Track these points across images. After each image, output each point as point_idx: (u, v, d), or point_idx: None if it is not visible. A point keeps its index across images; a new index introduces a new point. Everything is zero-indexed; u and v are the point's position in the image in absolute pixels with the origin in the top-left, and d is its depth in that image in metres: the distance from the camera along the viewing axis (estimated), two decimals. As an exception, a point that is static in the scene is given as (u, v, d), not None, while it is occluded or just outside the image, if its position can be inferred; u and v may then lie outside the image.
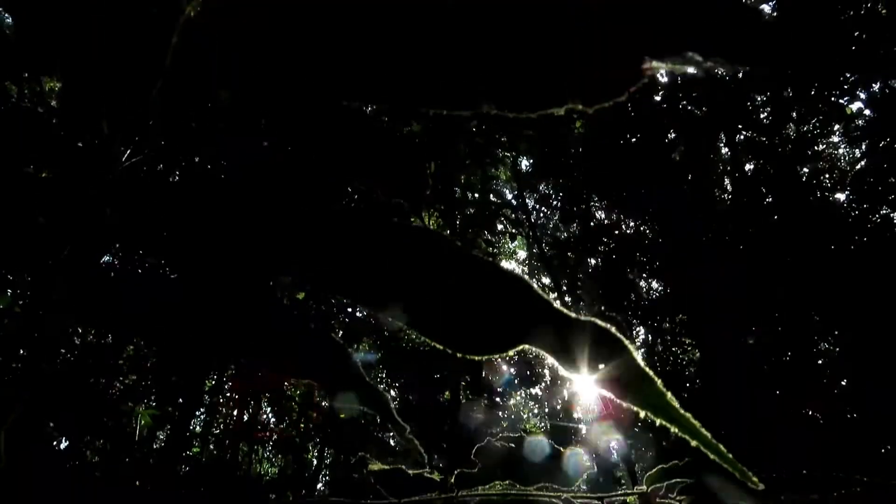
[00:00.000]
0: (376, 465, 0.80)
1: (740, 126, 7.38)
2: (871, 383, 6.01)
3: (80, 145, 0.43)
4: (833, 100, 6.56)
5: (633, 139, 6.18)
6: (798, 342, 6.88)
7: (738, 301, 6.71)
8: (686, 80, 4.67)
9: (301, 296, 6.52)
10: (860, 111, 6.54)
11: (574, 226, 7.04)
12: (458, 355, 0.38)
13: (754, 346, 7.18)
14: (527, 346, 0.37)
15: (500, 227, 6.77)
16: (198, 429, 7.15)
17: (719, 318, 6.87)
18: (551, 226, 7.71)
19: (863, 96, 7.44)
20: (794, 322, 6.83)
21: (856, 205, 6.96)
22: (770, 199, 6.51)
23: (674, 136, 6.85)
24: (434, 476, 0.81)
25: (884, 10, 5.77)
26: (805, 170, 8.36)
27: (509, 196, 6.86)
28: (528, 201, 7.02)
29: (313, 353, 0.47)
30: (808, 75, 5.24)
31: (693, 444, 0.34)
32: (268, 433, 7.73)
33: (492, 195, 6.72)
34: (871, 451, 6.15)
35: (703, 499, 0.71)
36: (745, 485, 0.35)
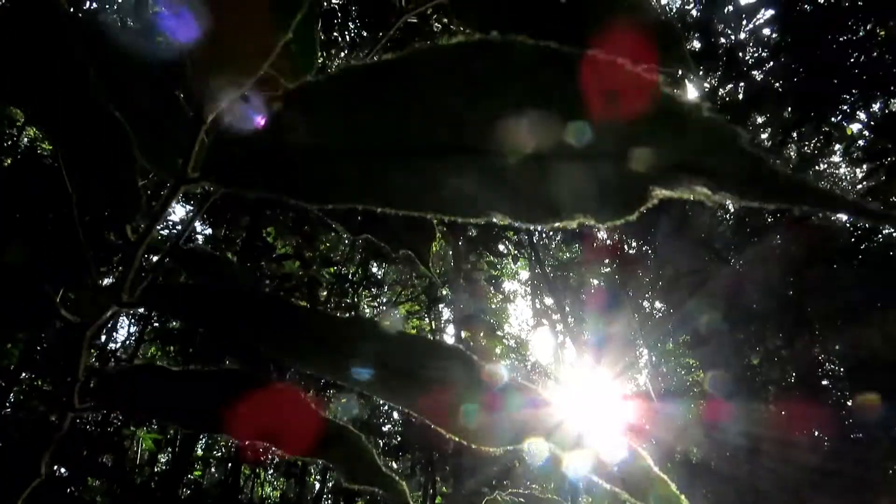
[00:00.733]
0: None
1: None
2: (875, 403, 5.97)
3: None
4: (833, 120, 6.59)
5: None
6: (802, 362, 6.85)
7: (740, 321, 6.69)
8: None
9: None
10: (861, 132, 6.57)
11: (576, 246, 7.04)
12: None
13: (758, 365, 7.15)
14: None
15: (502, 248, 6.77)
16: (199, 452, 7.11)
17: (722, 337, 6.84)
18: (553, 246, 7.70)
19: (862, 116, 7.46)
20: (797, 341, 6.80)
21: (858, 225, 6.96)
22: (771, 220, 6.50)
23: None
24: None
25: (882, 32, 5.81)
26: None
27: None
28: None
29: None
30: (807, 97, 5.27)
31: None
32: (270, 456, 7.68)
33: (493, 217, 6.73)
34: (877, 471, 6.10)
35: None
36: None
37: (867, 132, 6.15)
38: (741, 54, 5.49)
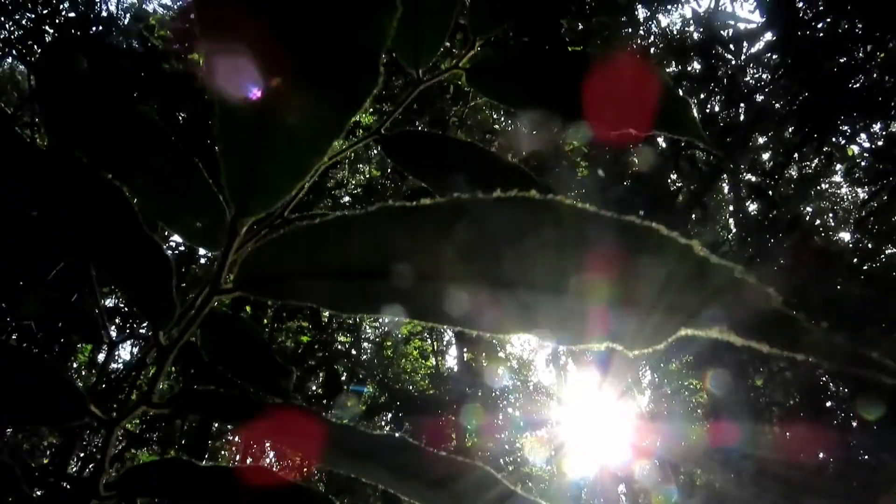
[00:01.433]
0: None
1: (742, 166, 7.43)
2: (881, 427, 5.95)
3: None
4: (833, 140, 6.61)
5: (636, 183, 6.23)
6: (806, 383, 6.83)
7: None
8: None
9: (305, 339, 6.51)
10: (861, 153, 6.59)
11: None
12: None
13: (762, 387, 7.12)
14: None
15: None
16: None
17: (725, 358, 6.83)
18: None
19: (863, 136, 7.50)
20: (801, 362, 6.77)
21: (860, 245, 6.96)
22: (772, 241, 6.51)
23: (676, 177, 6.89)
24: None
25: (881, 55, 5.85)
26: (808, 209, 8.39)
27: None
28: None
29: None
30: (808, 119, 5.29)
31: None
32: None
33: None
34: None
35: None
36: None
37: (867, 154, 6.17)
38: (742, 77, 5.53)
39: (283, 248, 0.37)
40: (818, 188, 8.00)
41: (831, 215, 8.07)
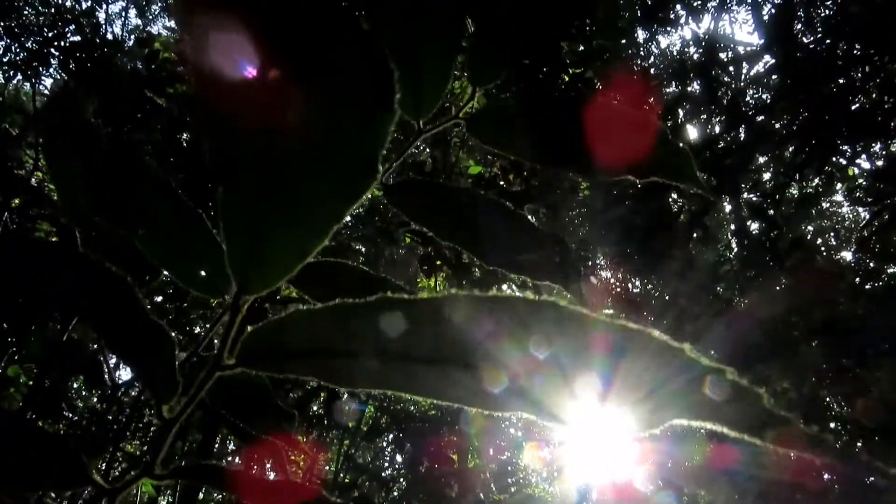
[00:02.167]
0: None
1: (743, 186, 7.44)
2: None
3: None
4: (834, 159, 6.63)
5: (637, 203, 6.24)
6: (809, 403, 6.78)
7: (745, 362, 6.65)
8: (690, 147, 4.72)
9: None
10: (862, 173, 6.61)
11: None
12: None
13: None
14: None
15: (506, 288, 6.78)
16: (201, 496, 7.03)
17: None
18: (556, 287, 7.66)
19: (864, 156, 7.51)
20: (804, 382, 6.74)
21: (862, 265, 6.96)
22: (774, 261, 6.50)
23: (677, 197, 6.90)
24: None
25: (880, 77, 5.88)
26: (810, 228, 8.39)
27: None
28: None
29: None
30: (809, 139, 5.31)
31: None
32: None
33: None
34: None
35: None
36: None
37: (867, 175, 6.19)
38: (743, 98, 5.56)
39: (285, 329, 0.38)
40: (819, 207, 8.00)
41: (833, 234, 8.06)
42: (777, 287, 6.64)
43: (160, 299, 3.11)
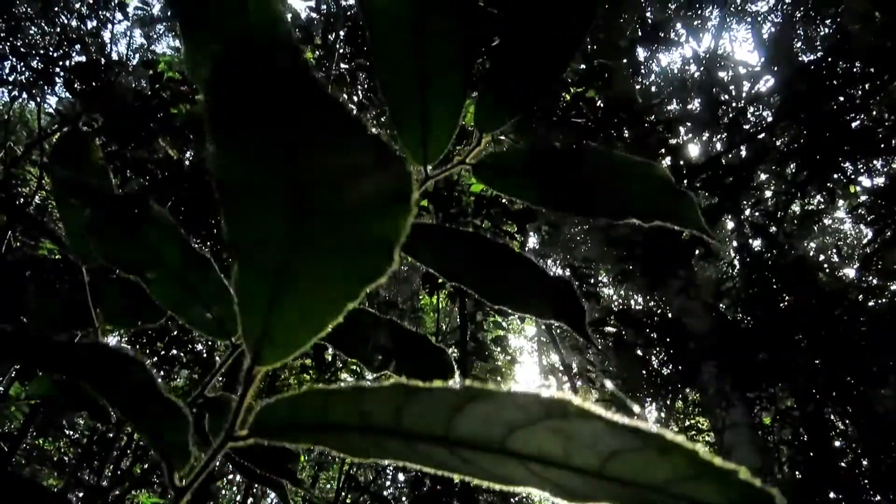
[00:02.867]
0: None
1: (745, 203, 7.45)
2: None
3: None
4: (836, 176, 6.64)
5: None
6: (814, 421, 6.74)
7: (750, 380, 6.62)
8: (691, 165, 4.75)
9: (307, 378, 6.49)
10: (864, 191, 6.61)
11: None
12: None
13: (769, 425, 7.04)
14: None
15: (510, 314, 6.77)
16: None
17: (731, 396, 6.76)
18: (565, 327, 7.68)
19: (865, 172, 7.53)
20: (809, 401, 6.71)
21: (865, 282, 6.94)
22: (777, 279, 6.50)
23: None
24: None
25: (880, 96, 5.91)
26: (812, 244, 8.38)
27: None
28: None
29: None
30: (810, 157, 5.33)
31: None
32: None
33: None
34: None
35: None
36: None
37: (869, 193, 6.20)
38: (744, 117, 5.58)
39: (300, 406, 0.38)
40: (822, 224, 8.00)
41: (835, 251, 8.05)
42: (780, 304, 6.63)
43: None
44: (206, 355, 5.66)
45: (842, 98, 5.67)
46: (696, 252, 7.15)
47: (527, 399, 0.29)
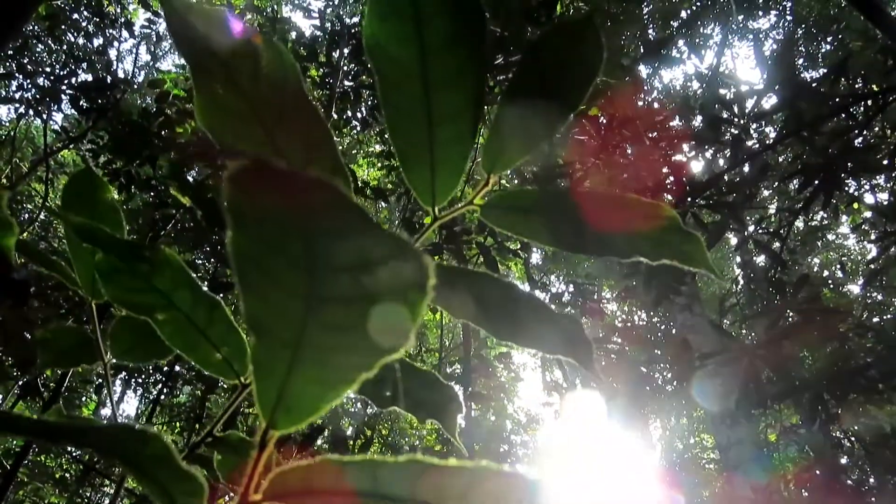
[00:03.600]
0: None
1: (749, 219, 7.45)
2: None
3: None
4: (839, 192, 6.64)
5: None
6: (820, 439, 6.71)
7: (755, 398, 6.59)
8: (694, 184, 4.75)
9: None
10: (867, 207, 6.62)
11: (586, 321, 7.04)
12: None
13: (775, 442, 7.00)
14: None
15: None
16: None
17: (736, 413, 6.72)
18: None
19: (868, 189, 7.53)
20: (815, 418, 6.67)
21: (869, 298, 6.93)
22: (781, 296, 6.48)
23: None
24: None
25: (884, 111, 5.92)
26: (816, 260, 8.38)
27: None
28: (539, 294, 7.05)
29: None
30: (813, 176, 5.33)
31: None
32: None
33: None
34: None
35: None
36: None
37: (872, 210, 6.19)
38: (747, 135, 5.59)
39: (314, 473, 0.39)
40: (825, 239, 8.00)
41: (839, 266, 8.04)
42: (784, 321, 6.60)
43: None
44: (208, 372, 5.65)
45: (844, 115, 5.67)
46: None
47: (528, 481, 0.30)
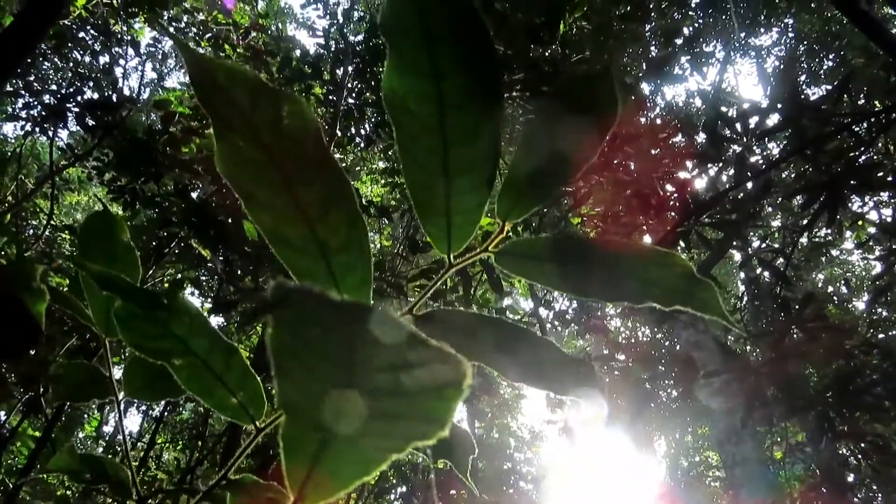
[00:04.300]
0: None
1: (753, 234, 7.45)
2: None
3: None
4: (843, 209, 6.64)
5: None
6: (826, 457, 6.66)
7: (761, 415, 6.55)
8: (698, 202, 4.76)
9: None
10: (871, 223, 6.61)
11: (588, 338, 7.01)
12: None
13: (781, 460, 6.95)
14: None
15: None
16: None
17: (742, 431, 6.68)
18: (565, 336, 7.69)
19: (873, 206, 7.52)
20: (821, 436, 6.62)
21: (874, 315, 6.90)
22: (785, 313, 6.46)
23: (684, 247, 6.91)
24: None
25: (888, 129, 5.93)
26: (820, 276, 8.36)
27: (527, 309, 6.94)
28: (543, 311, 7.07)
29: None
30: (816, 195, 5.33)
31: None
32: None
33: (508, 311, 6.76)
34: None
35: None
36: None
37: (877, 226, 6.19)
38: (750, 153, 5.60)
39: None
40: (830, 256, 7.98)
41: (844, 283, 8.01)
42: (789, 338, 6.58)
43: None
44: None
45: (846, 133, 5.68)
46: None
47: None
